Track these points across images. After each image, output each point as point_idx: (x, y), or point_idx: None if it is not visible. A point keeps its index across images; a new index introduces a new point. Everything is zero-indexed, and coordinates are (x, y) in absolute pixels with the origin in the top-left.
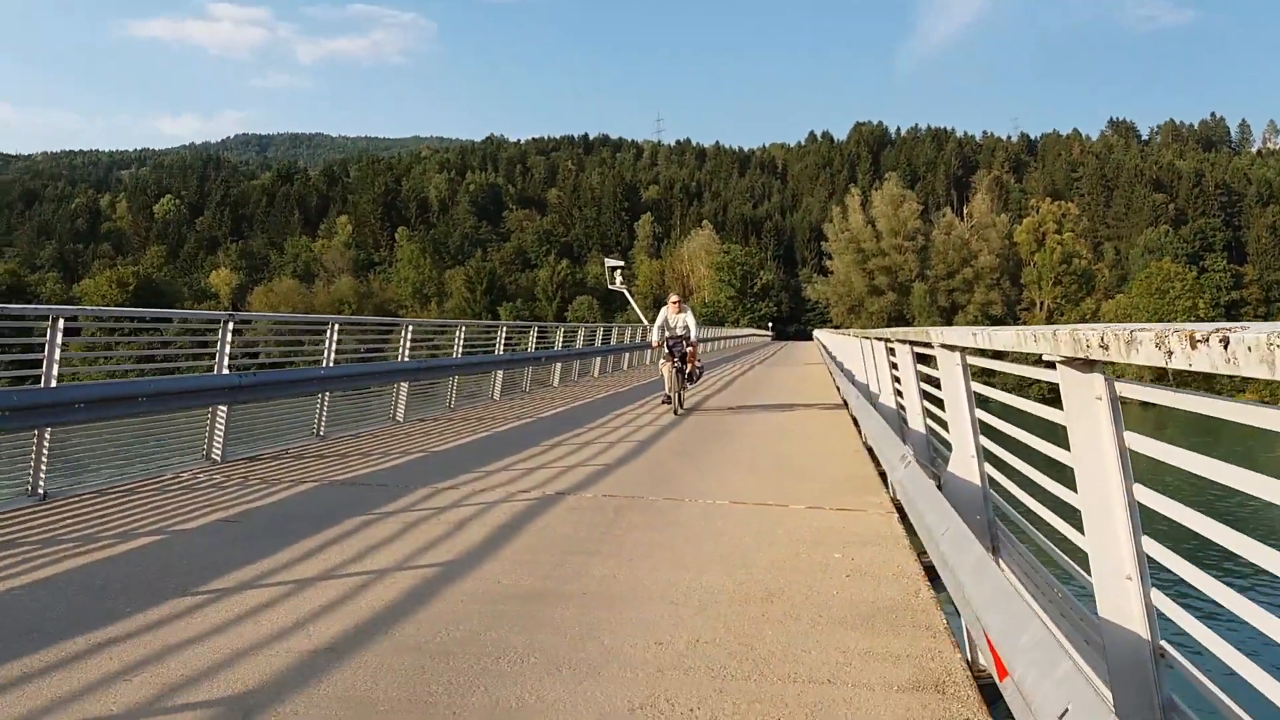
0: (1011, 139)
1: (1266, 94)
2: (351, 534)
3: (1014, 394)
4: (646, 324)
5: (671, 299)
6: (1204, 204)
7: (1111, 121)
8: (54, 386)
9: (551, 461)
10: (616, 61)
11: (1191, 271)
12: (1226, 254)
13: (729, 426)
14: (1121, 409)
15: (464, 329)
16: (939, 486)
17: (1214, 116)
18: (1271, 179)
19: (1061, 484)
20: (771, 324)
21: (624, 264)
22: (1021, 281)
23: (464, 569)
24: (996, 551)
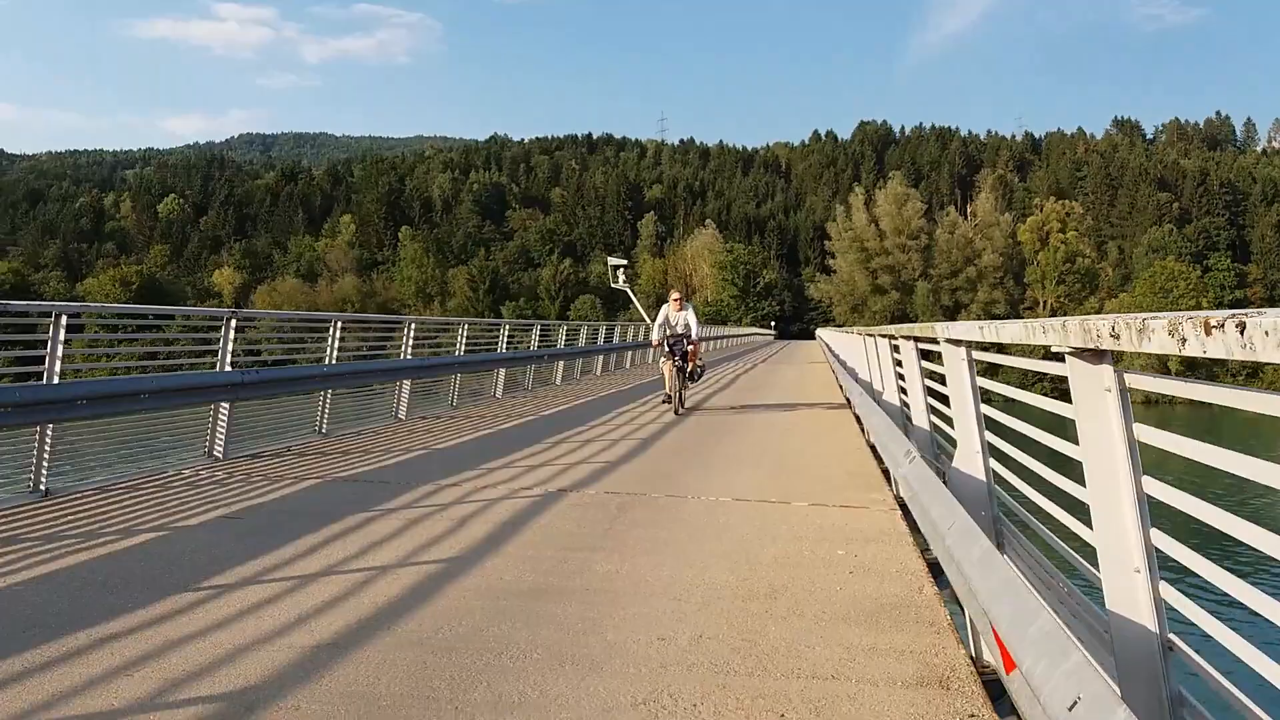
0: (1016, 138)
1: (1272, 93)
2: (354, 530)
3: (1019, 390)
4: (649, 323)
5: (673, 296)
6: (1208, 203)
7: (1116, 120)
8: (57, 383)
9: (554, 459)
10: (620, 61)
11: (1196, 271)
12: (1231, 253)
13: (731, 425)
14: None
15: (466, 327)
16: (944, 483)
17: (1219, 115)
18: (1276, 178)
19: (1067, 478)
20: (774, 323)
21: (627, 263)
22: (1025, 281)
23: (466, 565)
24: (1001, 547)
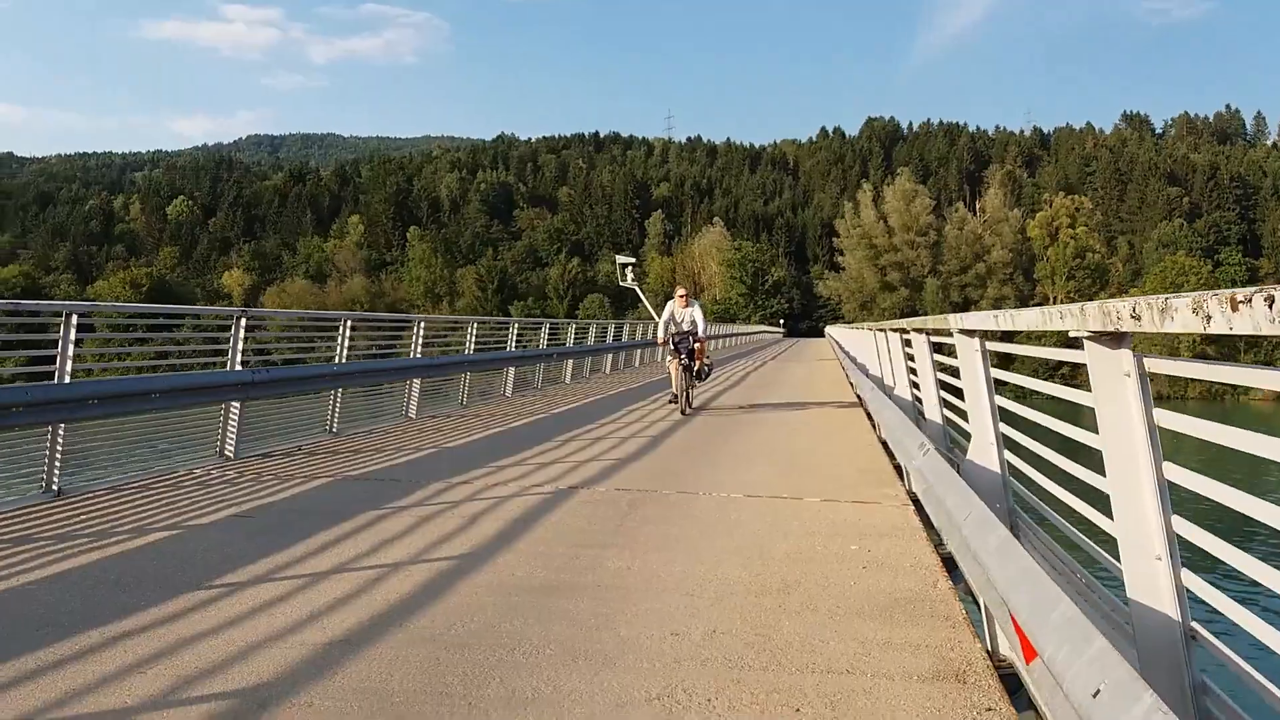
0: (1024, 133)
1: None
2: (365, 528)
3: (1035, 380)
4: (659, 320)
5: (678, 292)
6: (1219, 197)
7: (1125, 115)
8: (68, 383)
9: (564, 457)
10: (627, 59)
11: (1206, 265)
12: (1241, 248)
13: (741, 423)
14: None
15: (476, 326)
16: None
17: (1229, 109)
18: None
19: (1084, 467)
20: (783, 321)
21: (635, 261)
22: (1035, 276)
23: (478, 562)
24: (1017, 539)
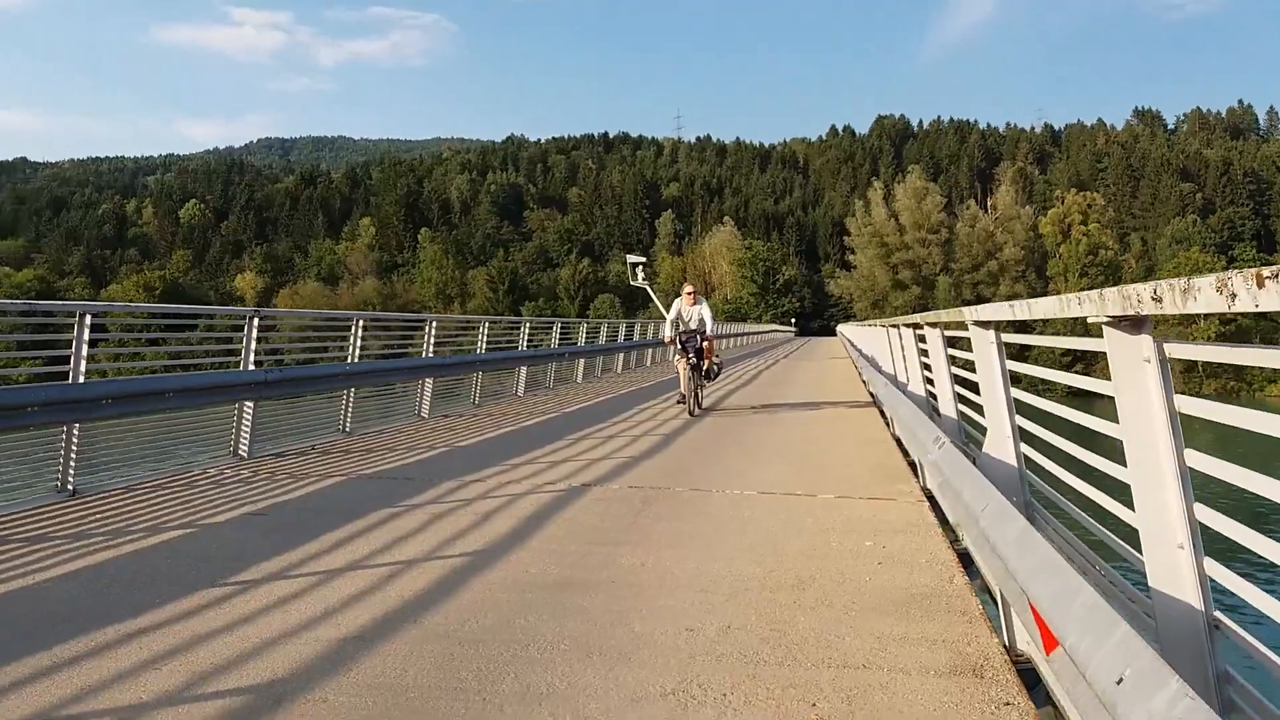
0: (1035, 130)
1: None
2: (378, 526)
3: (1052, 371)
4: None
5: (686, 289)
6: (1232, 193)
7: (1137, 110)
8: (82, 382)
9: (576, 455)
10: (636, 59)
11: (1220, 262)
12: (1256, 243)
13: (753, 422)
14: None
15: (487, 326)
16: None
17: (1241, 104)
18: None
19: (1102, 457)
20: (794, 320)
21: (645, 260)
22: (1047, 274)
23: (491, 559)
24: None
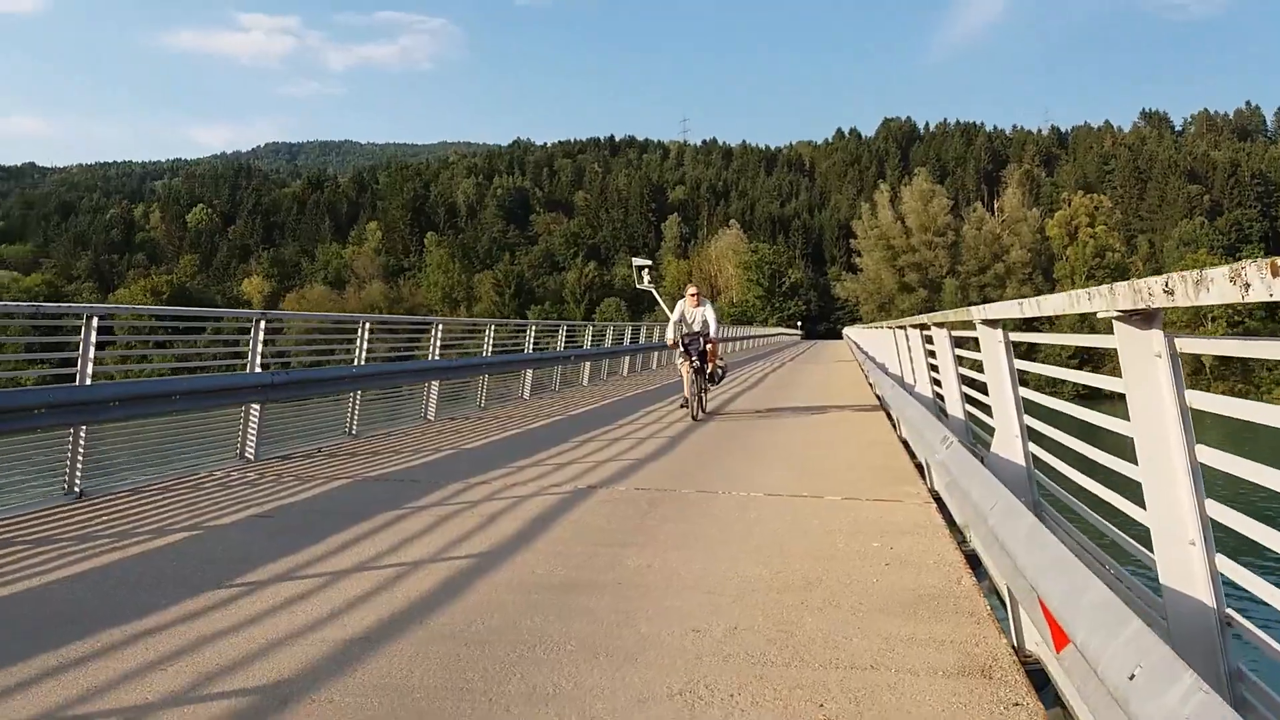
0: (1042, 132)
1: None
2: (385, 528)
3: (1062, 369)
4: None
5: (689, 291)
6: (1240, 195)
7: (1144, 112)
8: (89, 384)
9: (582, 457)
10: (642, 63)
11: (1228, 264)
12: (1264, 245)
13: (759, 425)
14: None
15: (494, 329)
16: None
17: (1249, 105)
18: None
19: (1112, 455)
20: (801, 323)
21: (651, 263)
22: (1054, 276)
23: (497, 560)
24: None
